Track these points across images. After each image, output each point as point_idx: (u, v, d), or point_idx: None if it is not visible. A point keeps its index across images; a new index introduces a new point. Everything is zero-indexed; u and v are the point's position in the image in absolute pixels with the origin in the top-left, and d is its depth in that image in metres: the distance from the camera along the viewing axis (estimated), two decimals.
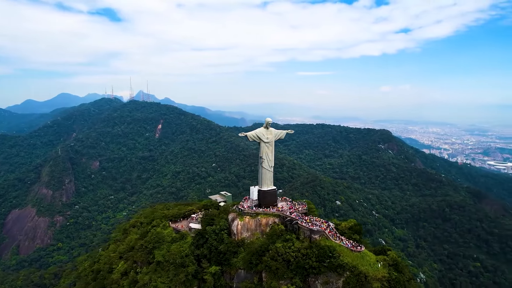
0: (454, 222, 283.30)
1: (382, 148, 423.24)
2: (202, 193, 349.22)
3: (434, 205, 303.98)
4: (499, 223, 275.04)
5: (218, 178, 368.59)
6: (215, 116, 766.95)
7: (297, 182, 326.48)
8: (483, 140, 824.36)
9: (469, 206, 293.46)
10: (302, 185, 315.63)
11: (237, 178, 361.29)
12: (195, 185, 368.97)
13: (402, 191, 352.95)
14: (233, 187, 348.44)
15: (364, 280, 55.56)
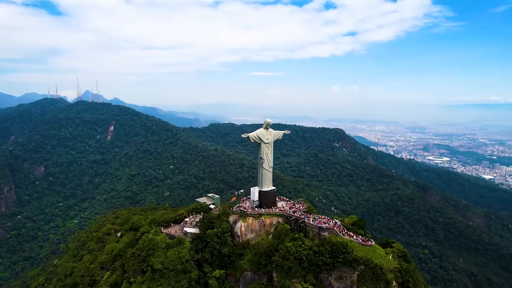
0: (405, 214, 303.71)
1: (336, 146, 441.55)
2: (161, 196, 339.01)
3: (387, 199, 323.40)
4: (443, 212, 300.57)
5: (176, 180, 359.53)
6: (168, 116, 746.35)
7: None
8: (423, 137, 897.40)
9: (418, 198, 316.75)
10: None
11: (197, 179, 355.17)
12: (153, 188, 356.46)
13: (357, 187, 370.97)
14: (193, 189, 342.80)
15: (380, 272, 58.18)
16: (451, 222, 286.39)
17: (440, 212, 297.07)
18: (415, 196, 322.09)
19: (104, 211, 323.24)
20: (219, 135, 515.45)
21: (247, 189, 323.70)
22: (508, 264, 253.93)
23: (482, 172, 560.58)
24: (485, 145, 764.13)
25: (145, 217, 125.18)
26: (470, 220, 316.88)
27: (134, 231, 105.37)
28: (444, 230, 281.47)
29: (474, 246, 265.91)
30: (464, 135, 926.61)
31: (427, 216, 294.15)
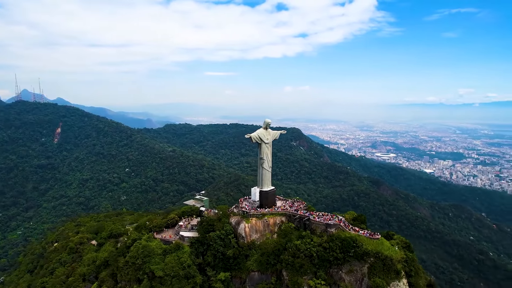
0: (362, 208, 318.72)
1: (294, 145, 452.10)
2: (117, 201, 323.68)
3: (344, 194, 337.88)
4: (396, 205, 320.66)
5: (133, 183, 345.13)
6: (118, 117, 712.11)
7: (221, 182, 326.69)
8: (371, 135, 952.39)
9: (372, 193, 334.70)
10: (226, 184, 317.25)
11: (155, 182, 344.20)
12: (107, 193, 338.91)
13: (316, 184, 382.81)
14: (151, 192, 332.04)
15: (391, 263, 60.87)
16: (403, 214, 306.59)
17: (393, 205, 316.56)
18: (370, 191, 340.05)
19: (53, 219, 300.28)
20: (175, 136, 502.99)
21: (209, 190, 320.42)
22: (451, 249, 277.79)
23: (423, 167, 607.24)
24: (425, 142, 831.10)
25: (122, 223, 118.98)
26: (418, 211, 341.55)
27: (114, 238, 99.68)
28: (398, 221, 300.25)
29: (423, 235, 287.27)
30: (407, 133, 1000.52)
31: (382, 210, 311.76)
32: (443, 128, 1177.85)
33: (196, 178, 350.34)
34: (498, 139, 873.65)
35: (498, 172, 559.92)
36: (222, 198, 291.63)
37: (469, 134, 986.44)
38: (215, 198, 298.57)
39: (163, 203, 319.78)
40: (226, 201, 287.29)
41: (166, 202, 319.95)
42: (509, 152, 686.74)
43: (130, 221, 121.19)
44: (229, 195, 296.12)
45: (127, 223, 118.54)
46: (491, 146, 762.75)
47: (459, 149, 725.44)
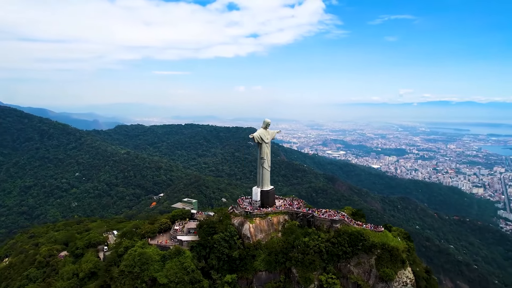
0: (321, 204, 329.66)
1: (252, 144, 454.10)
2: (67, 208, 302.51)
3: (303, 191, 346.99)
4: (351, 200, 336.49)
5: (85, 188, 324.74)
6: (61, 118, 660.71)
7: (180, 184, 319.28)
8: (321, 133, 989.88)
9: (329, 189, 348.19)
10: (186, 186, 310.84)
11: (109, 186, 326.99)
12: (55, 199, 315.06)
13: (274, 182, 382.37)
14: (106, 197, 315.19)
15: (397, 253, 63.84)
16: (358, 208, 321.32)
17: (349, 200, 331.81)
18: (327, 187, 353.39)
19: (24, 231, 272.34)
20: (127, 137, 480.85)
21: (168, 193, 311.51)
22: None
23: (371, 163, 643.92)
24: (371, 139, 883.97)
25: (98, 231, 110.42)
26: (371, 205, 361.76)
27: (93, 247, 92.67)
28: None
29: None
30: (354, 131, 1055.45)
31: (339, 205, 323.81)
32: (387, 126, 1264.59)
33: (153, 180, 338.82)
34: (434, 136, 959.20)
35: (435, 165, 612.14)
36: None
37: (409, 131, 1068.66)
38: (176, 200, 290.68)
39: (118, 208, 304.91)
40: None
41: (122, 206, 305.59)
42: (443, 147, 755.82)
43: (107, 229, 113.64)
44: (190, 196, 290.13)
45: (104, 230, 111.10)
46: (428, 142, 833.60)
47: (401, 145, 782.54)
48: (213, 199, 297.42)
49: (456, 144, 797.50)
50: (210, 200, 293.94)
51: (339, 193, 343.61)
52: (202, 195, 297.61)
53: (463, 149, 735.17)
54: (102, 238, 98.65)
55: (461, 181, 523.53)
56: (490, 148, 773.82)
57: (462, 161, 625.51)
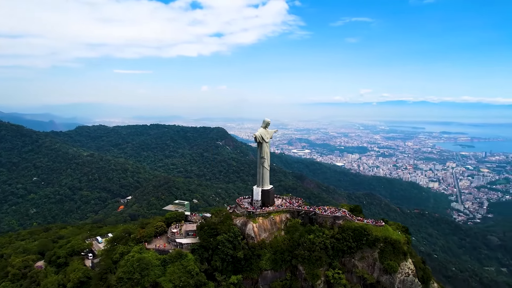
0: None
1: (220, 144, 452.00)
2: (24, 215, 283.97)
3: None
4: (320, 197, 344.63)
5: (44, 194, 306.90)
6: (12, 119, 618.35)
7: (149, 186, 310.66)
8: (286, 132, 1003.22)
9: (299, 187, 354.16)
10: (156, 188, 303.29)
11: (72, 190, 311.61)
12: (10, 206, 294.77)
13: (244, 182, 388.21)
14: (68, 202, 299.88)
15: (399, 246, 66.07)
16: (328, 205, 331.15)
17: (319, 197, 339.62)
18: (297, 185, 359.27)
19: None
20: (89, 139, 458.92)
21: (136, 195, 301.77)
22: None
23: (335, 160, 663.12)
24: (334, 138, 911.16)
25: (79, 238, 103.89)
26: (338, 201, 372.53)
27: (77, 255, 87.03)
28: None
29: None
30: (318, 130, 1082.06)
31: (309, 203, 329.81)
32: (349, 124, 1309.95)
33: (119, 183, 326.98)
34: (393, 134, 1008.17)
35: (395, 162, 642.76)
36: (154, 203, 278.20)
37: (370, 130, 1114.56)
38: (145, 202, 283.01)
39: (83, 212, 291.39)
40: (158, 205, 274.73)
41: (87, 211, 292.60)
42: (401, 145, 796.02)
43: (89, 235, 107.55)
44: (161, 199, 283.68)
45: (86, 237, 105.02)
46: (387, 140, 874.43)
47: (363, 143, 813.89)
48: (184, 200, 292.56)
49: (413, 142, 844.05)
50: None
51: (309, 191, 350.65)
52: (173, 197, 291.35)
53: (419, 146, 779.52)
54: (85, 245, 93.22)
55: (418, 177, 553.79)
56: (443, 144, 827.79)
57: (419, 158, 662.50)
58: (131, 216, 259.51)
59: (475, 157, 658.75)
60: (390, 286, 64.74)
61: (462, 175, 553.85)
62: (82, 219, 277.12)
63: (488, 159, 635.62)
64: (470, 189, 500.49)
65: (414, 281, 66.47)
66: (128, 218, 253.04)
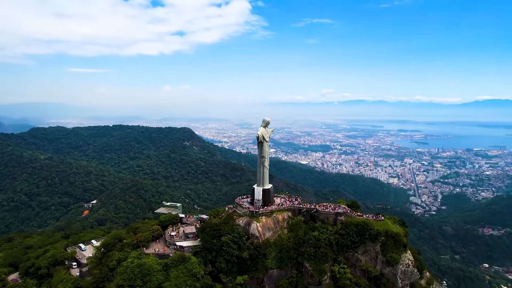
0: None
1: (187, 145, 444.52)
2: None
3: (244, 190, 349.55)
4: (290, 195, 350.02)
5: None
6: None
7: (116, 189, 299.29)
8: (251, 132, 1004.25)
9: None
10: (123, 191, 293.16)
11: (29, 197, 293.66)
12: None
13: (213, 182, 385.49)
14: (24, 209, 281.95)
15: (399, 238, 68.48)
16: None
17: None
18: None
19: None
20: (46, 141, 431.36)
21: (102, 199, 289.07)
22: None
23: (300, 159, 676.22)
24: (298, 136, 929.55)
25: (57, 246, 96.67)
26: (307, 199, 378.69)
27: (61, 265, 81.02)
28: None
29: None
30: (282, 129, 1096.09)
31: None
32: (311, 124, 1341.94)
33: (83, 187, 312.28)
34: (354, 132, 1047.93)
35: (357, 159, 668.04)
36: (121, 206, 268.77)
37: (332, 129, 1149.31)
38: (113, 206, 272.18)
39: (42, 220, 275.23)
40: (126, 208, 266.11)
41: (47, 218, 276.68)
42: (362, 143, 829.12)
43: (70, 243, 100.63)
44: (129, 202, 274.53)
45: (67, 245, 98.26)
46: (349, 138, 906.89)
47: (326, 142, 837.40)
48: (154, 203, 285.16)
49: (373, 139, 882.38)
50: (150, 204, 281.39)
51: (278, 190, 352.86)
52: (141, 200, 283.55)
53: (379, 144, 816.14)
54: (68, 253, 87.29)
55: (379, 173, 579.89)
56: (400, 142, 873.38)
57: (379, 155, 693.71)
58: (98, 221, 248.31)
59: (429, 153, 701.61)
60: (393, 277, 67.68)
61: (419, 171, 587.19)
62: (42, 226, 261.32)
63: (440, 155, 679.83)
64: (426, 183, 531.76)
65: (413, 272, 70.04)
66: (95, 224, 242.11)
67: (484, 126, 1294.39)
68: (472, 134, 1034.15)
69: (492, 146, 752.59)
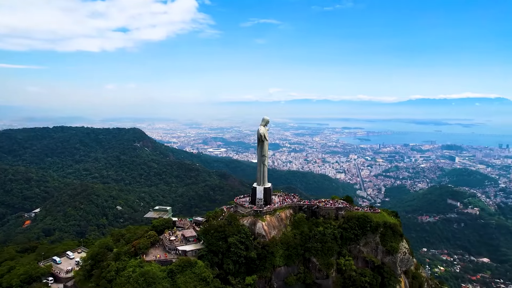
0: (219, 202, 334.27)
1: (138, 146, 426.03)
2: None
3: (200, 190, 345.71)
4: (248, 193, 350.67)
5: None
6: None
7: (63, 195, 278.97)
8: (200, 132, 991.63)
9: (226, 186, 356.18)
10: (72, 197, 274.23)
11: None
12: None
13: (168, 184, 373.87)
14: None
15: (397, 229, 71.91)
16: None
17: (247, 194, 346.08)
18: (223, 184, 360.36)
19: None
20: None
21: (47, 207, 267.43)
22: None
23: (251, 158, 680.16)
24: (248, 135, 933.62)
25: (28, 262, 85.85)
26: None
27: (36, 282, 72.07)
28: None
29: None
30: (232, 128, 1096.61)
31: None
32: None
33: (22, 195, 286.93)
34: (301, 130, 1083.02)
35: (306, 156, 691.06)
36: (71, 213, 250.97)
37: (281, 127, 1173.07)
38: (61, 214, 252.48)
39: None
40: (77, 215, 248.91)
41: None
42: (310, 140, 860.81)
43: (42, 257, 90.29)
44: (80, 209, 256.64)
45: (40, 259, 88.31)
46: (297, 136, 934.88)
47: (275, 140, 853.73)
48: (107, 208, 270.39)
49: (319, 137, 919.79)
50: (103, 210, 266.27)
51: (235, 189, 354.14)
52: (93, 205, 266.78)
53: (325, 141, 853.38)
54: (43, 268, 78.42)
55: (327, 169, 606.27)
56: (345, 139, 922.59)
57: (326, 151, 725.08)
58: (45, 231, 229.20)
59: (371, 149, 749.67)
60: (393, 265, 71.81)
61: (363, 166, 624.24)
62: None
63: (381, 150, 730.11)
64: (370, 177, 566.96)
65: (409, 259, 75.08)
66: (42, 234, 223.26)
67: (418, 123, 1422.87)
68: (408, 130, 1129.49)
69: (424, 141, 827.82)
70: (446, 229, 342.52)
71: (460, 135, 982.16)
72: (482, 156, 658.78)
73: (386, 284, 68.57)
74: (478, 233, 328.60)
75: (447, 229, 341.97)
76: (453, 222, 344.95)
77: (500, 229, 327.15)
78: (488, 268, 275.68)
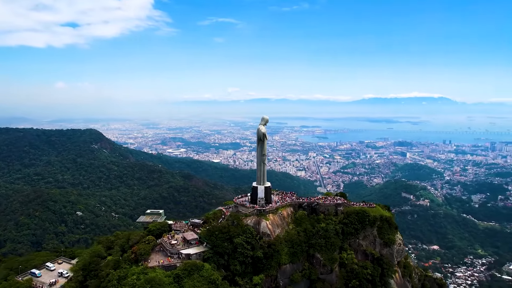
0: (184, 203, 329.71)
1: (96, 148, 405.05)
2: None
3: (164, 192, 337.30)
4: (213, 194, 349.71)
5: None
6: None
7: (14, 203, 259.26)
8: (158, 132, 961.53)
9: (191, 187, 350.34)
10: (25, 204, 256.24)
11: None
12: None
13: (129, 187, 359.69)
14: None
15: (392, 221, 74.75)
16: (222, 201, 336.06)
17: (212, 194, 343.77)
18: (188, 185, 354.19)
19: None
20: None
21: None
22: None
23: (212, 158, 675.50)
24: (208, 135, 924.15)
25: None
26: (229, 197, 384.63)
27: None
28: None
29: None
30: (191, 128, 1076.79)
31: (203, 201, 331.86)
32: (220, 122, 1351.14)
33: None
34: None
35: None
36: (25, 222, 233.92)
37: (240, 126, 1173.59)
38: (12, 223, 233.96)
39: None
40: (32, 224, 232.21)
41: None
42: (270, 139, 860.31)
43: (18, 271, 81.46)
44: (34, 217, 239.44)
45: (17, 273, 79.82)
46: None
47: (236, 140, 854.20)
48: (66, 214, 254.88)
49: (279, 136, 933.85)
50: (62, 216, 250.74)
51: (201, 190, 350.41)
52: (50, 212, 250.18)
53: (285, 140, 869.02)
54: (23, 283, 71.13)
55: (288, 167, 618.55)
56: (303, 137, 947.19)
57: (286, 150, 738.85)
58: None
59: (329, 147, 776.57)
60: (390, 256, 75.35)
61: (322, 163, 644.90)
62: None
63: (339, 148, 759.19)
64: (329, 174, 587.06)
65: (404, 250, 79.22)
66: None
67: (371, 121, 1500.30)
68: (362, 128, 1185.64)
69: (378, 138, 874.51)
70: (401, 221, 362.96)
71: (409, 132, 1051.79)
72: (429, 151, 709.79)
73: (385, 275, 72.20)
74: (428, 222, 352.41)
75: (402, 221, 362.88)
76: (407, 214, 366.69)
77: (447, 218, 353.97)
78: (438, 254, 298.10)
